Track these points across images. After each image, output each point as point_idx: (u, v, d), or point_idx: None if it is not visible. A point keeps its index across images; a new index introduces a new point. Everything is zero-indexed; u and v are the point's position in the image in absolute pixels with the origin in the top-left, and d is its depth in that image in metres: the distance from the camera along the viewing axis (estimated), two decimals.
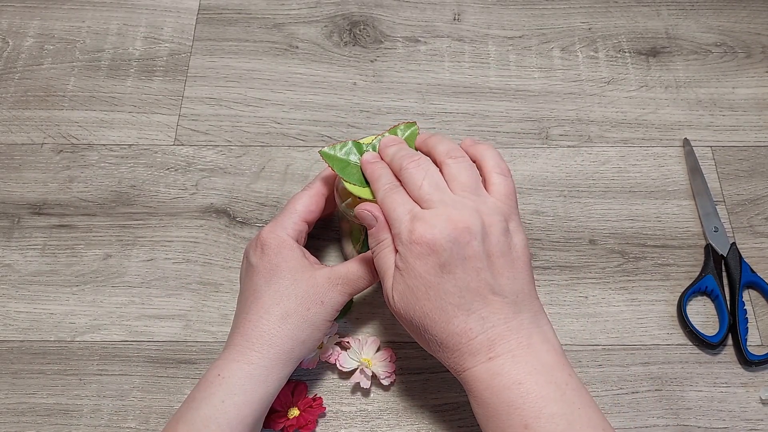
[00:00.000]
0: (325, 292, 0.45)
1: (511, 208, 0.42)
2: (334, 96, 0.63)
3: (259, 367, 0.43)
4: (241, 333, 0.44)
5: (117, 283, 0.54)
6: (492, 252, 0.40)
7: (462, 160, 0.43)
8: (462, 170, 0.42)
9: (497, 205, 0.41)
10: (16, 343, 0.51)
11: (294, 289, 0.45)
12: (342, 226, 0.54)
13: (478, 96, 0.63)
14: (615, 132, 0.61)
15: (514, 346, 0.39)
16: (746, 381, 0.50)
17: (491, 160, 0.44)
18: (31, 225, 0.56)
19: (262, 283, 0.45)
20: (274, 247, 0.46)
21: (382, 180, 0.44)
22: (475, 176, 0.42)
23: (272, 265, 0.45)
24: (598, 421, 0.38)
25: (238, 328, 0.45)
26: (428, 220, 0.40)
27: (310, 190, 0.49)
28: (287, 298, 0.44)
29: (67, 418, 0.48)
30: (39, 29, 0.67)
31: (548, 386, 0.38)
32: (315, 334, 0.45)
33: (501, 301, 0.39)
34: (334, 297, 0.45)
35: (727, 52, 0.66)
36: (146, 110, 0.62)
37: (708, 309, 0.53)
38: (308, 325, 0.44)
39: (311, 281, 0.45)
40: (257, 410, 0.42)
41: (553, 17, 0.68)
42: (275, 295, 0.44)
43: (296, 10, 0.68)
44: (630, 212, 0.57)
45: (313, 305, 0.45)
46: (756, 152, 0.60)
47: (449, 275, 0.39)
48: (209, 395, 0.42)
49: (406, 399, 0.49)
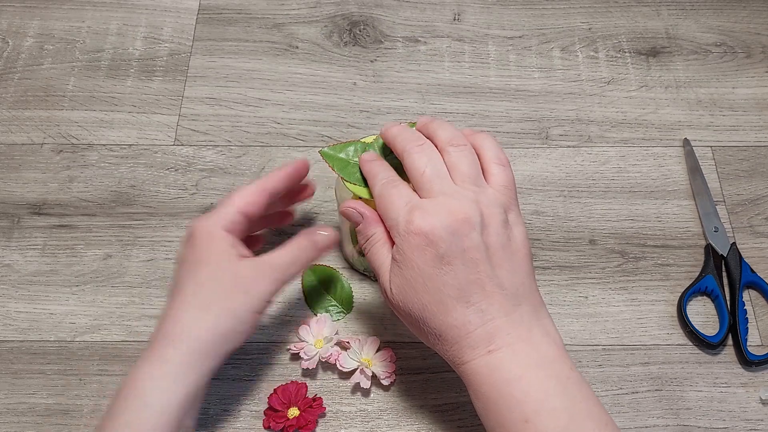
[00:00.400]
0: (250, 282, 0.43)
1: (511, 200, 0.42)
2: (334, 96, 0.63)
3: (175, 364, 0.41)
4: (160, 329, 0.42)
5: (117, 283, 0.54)
6: (491, 244, 0.39)
7: (464, 149, 0.42)
8: (463, 159, 0.42)
9: (496, 196, 0.41)
10: (16, 343, 0.51)
11: (216, 279, 0.43)
12: (342, 227, 0.54)
13: (478, 96, 0.63)
14: (615, 132, 0.61)
15: (513, 339, 0.38)
16: (746, 381, 0.50)
17: (490, 150, 0.43)
18: (31, 225, 0.56)
19: (185, 275, 0.44)
20: (201, 238, 0.44)
21: (380, 175, 0.43)
22: (476, 166, 0.42)
23: (197, 257, 0.44)
24: (600, 414, 0.38)
25: (159, 326, 0.43)
26: (427, 209, 0.39)
27: (254, 185, 0.47)
28: (208, 288, 0.43)
29: (67, 418, 0.48)
30: (39, 29, 0.67)
31: (549, 380, 0.38)
32: (239, 326, 0.43)
33: (500, 293, 0.39)
34: (261, 286, 0.43)
35: (727, 52, 0.66)
36: (146, 110, 0.62)
37: (708, 309, 0.53)
38: (230, 317, 0.42)
39: (235, 270, 0.43)
40: (180, 408, 0.40)
41: (553, 17, 0.68)
42: (196, 287, 0.43)
43: (296, 10, 0.68)
44: (630, 212, 0.57)
45: (235, 295, 0.43)
46: (756, 152, 0.60)
47: (448, 267, 0.38)
48: (129, 399, 0.40)
49: (406, 399, 0.49)
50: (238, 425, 0.48)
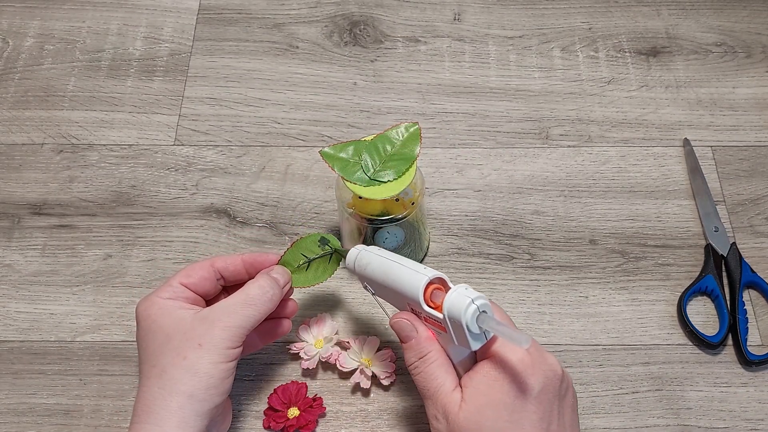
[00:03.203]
0: (200, 334, 0.40)
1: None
2: (334, 96, 0.63)
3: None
4: (133, 412, 0.41)
5: (117, 283, 0.54)
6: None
7: None
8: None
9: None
10: (17, 343, 0.51)
11: (166, 343, 0.41)
12: (342, 227, 0.54)
13: (478, 96, 0.63)
14: (615, 132, 0.61)
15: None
16: (746, 381, 0.50)
17: None
18: (31, 225, 0.56)
19: (140, 352, 0.42)
20: (143, 313, 0.43)
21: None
22: None
23: (145, 331, 0.42)
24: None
25: (135, 409, 0.41)
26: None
27: (199, 261, 0.46)
28: (160, 354, 0.40)
29: (67, 418, 0.48)
30: (39, 29, 0.67)
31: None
32: (203, 382, 0.40)
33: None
34: (214, 336, 0.40)
35: (727, 52, 0.66)
36: (146, 110, 0.62)
37: (708, 309, 0.53)
38: (190, 375, 0.39)
39: (180, 327, 0.41)
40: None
41: (553, 17, 0.68)
42: (151, 357, 0.41)
43: (296, 10, 0.68)
44: (630, 212, 0.57)
45: (188, 351, 0.40)
46: (756, 152, 0.60)
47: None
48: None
49: (406, 399, 0.49)
50: (238, 425, 0.48)
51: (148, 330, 0.42)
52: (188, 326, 0.41)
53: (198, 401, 0.40)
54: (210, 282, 0.45)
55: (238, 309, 0.42)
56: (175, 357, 0.40)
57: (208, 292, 0.45)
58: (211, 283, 0.45)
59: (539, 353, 0.39)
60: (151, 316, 0.42)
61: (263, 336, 0.47)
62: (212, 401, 0.40)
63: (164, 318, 0.42)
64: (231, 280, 0.46)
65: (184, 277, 0.44)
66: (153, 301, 0.43)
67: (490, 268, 0.55)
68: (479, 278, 0.54)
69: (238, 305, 0.42)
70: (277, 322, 0.47)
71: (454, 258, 0.55)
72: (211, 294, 0.46)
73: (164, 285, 0.44)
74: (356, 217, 0.48)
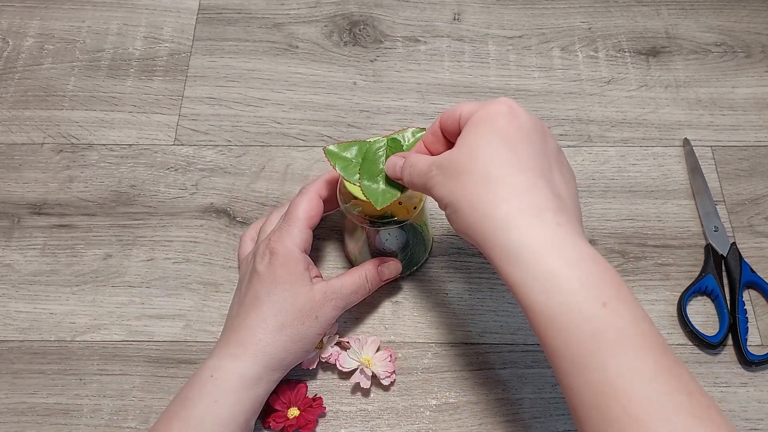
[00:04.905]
0: (320, 307, 0.46)
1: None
2: (334, 96, 0.63)
3: (251, 372, 0.44)
4: (237, 337, 0.45)
5: (117, 283, 0.54)
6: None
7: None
8: None
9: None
10: (16, 343, 0.51)
11: (292, 303, 0.45)
12: (345, 224, 0.54)
13: (478, 96, 0.63)
14: (615, 132, 0.61)
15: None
16: (746, 381, 0.50)
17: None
18: (31, 225, 0.56)
19: (263, 291, 0.46)
20: (281, 258, 0.46)
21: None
22: None
23: (275, 276, 0.46)
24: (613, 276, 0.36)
25: (234, 331, 0.45)
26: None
27: (309, 194, 0.49)
28: (285, 310, 0.45)
29: (67, 418, 0.48)
30: (39, 29, 0.67)
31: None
32: (306, 346, 0.46)
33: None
34: (328, 312, 0.47)
35: (727, 52, 0.66)
36: (146, 110, 0.62)
37: (708, 309, 0.53)
38: (301, 338, 0.46)
39: (309, 296, 0.46)
40: (248, 411, 0.44)
41: (553, 17, 0.68)
42: (274, 306, 0.45)
43: (296, 10, 0.68)
44: (630, 212, 0.57)
45: (307, 319, 0.46)
46: (756, 152, 0.60)
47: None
48: (203, 395, 0.43)
49: (406, 399, 0.49)
50: None
51: (279, 279, 0.46)
52: (313, 296, 0.46)
53: (295, 359, 0.46)
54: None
55: (348, 296, 0.48)
56: (296, 319, 0.45)
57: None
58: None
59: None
60: (288, 267, 0.46)
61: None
62: (298, 361, 0.47)
63: (296, 277, 0.46)
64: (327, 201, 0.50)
65: (309, 219, 0.48)
66: (291, 252, 0.46)
67: (490, 268, 0.54)
68: (479, 278, 0.54)
69: (351, 293, 0.48)
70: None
71: (454, 258, 0.55)
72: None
73: (296, 227, 0.47)
74: (357, 218, 0.48)
